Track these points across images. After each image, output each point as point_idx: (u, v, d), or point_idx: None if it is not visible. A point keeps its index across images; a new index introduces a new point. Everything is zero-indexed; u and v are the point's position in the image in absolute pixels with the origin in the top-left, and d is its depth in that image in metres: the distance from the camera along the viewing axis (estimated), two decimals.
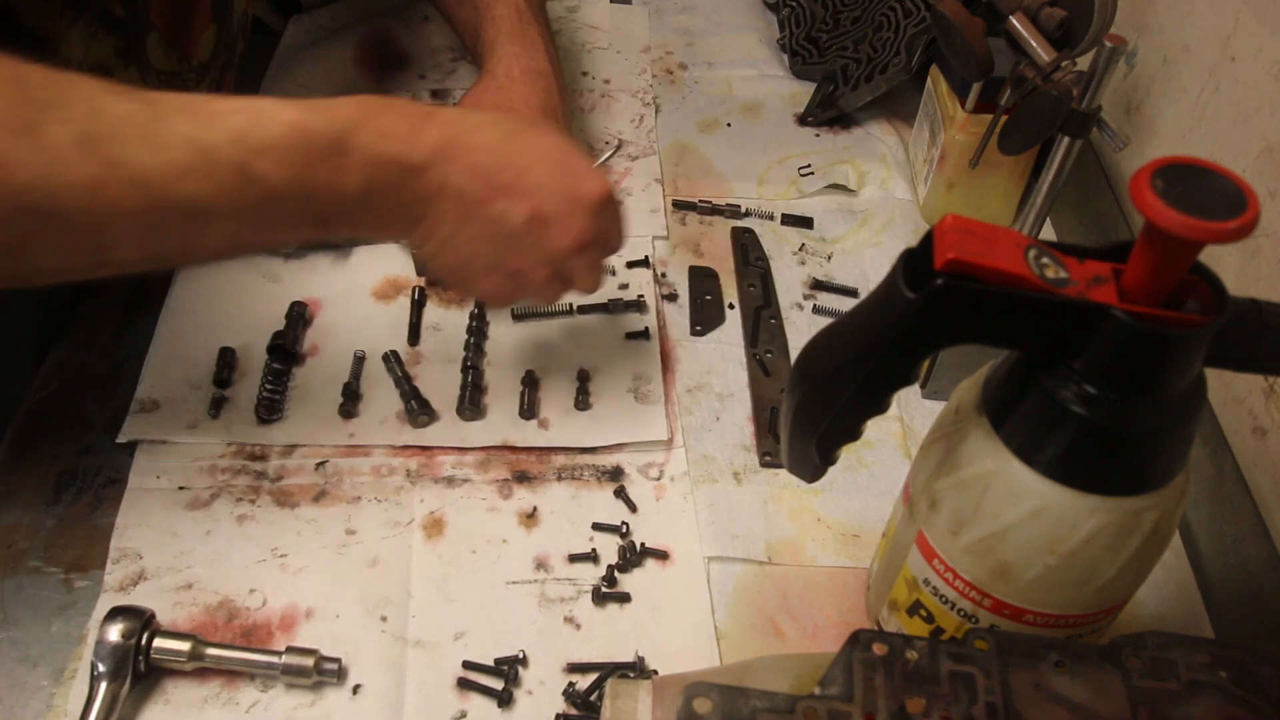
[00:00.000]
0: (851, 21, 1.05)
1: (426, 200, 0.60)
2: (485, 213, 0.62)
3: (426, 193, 0.60)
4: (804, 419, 0.51)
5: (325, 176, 0.56)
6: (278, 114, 0.55)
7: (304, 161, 0.55)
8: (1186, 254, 0.42)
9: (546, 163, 0.63)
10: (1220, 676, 0.45)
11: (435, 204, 0.61)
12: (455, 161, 0.60)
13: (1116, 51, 0.67)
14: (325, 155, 0.56)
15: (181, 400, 0.73)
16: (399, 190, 0.59)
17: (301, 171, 0.55)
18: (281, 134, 0.54)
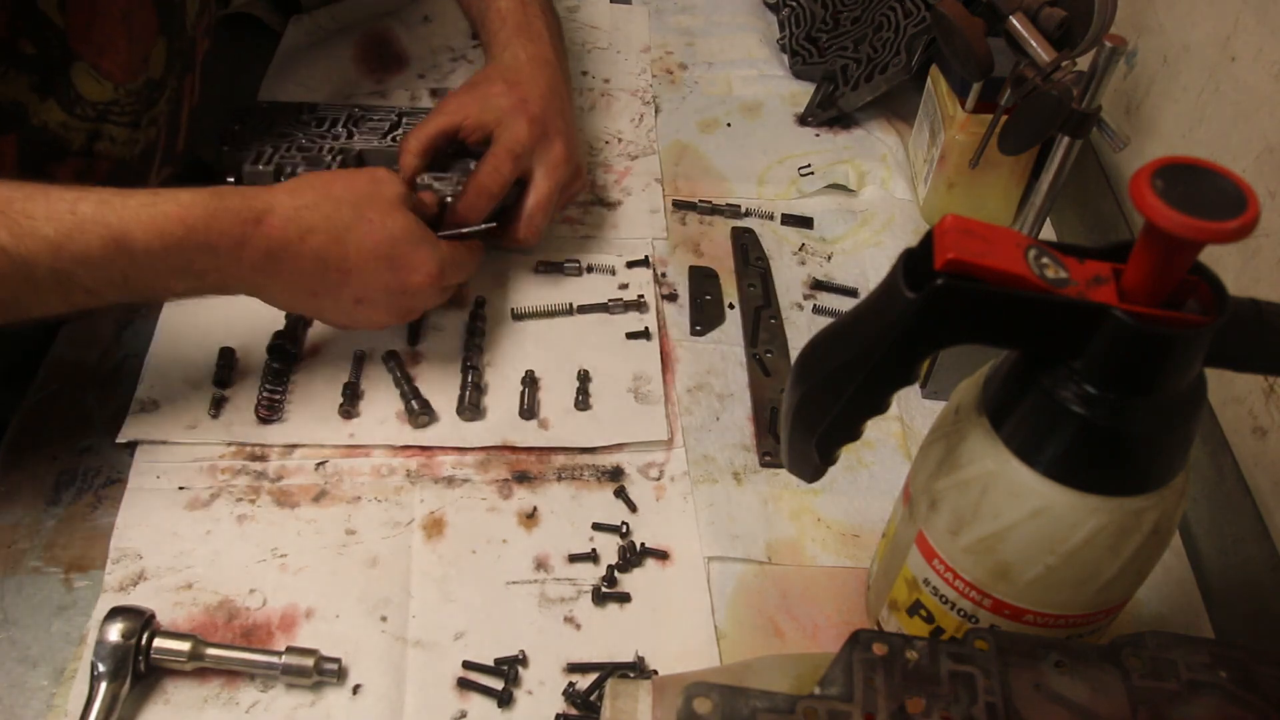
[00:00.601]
0: (851, 21, 1.05)
1: (251, 291, 0.67)
2: (313, 304, 0.70)
3: (254, 291, 0.67)
4: (804, 419, 0.51)
5: (147, 283, 0.62)
6: (97, 223, 0.58)
7: (123, 274, 0.60)
8: (1186, 254, 0.42)
9: (372, 262, 0.68)
10: (1220, 676, 0.45)
11: (264, 294, 0.68)
12: (278, 274, 0.66)
13: (1116, 51, 0.67)
14: (147, 269, 0.61)
15: (181, 400, 0.73)
16: (227, 290, 0.66)
17: (123, 280, 0.60)
18: (101, 247, 0.58)
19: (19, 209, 0.57)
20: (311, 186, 0.68)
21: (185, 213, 0.61)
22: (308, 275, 0.67)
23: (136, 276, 0.61)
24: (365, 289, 0.69)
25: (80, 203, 0.58)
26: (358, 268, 0.68)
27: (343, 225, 0.67)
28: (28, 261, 0.56)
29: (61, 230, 0.57)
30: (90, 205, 0.59)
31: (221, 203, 0.63)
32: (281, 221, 0.65)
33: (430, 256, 0.71)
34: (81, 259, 0.58)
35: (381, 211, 0.69)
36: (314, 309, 0.72)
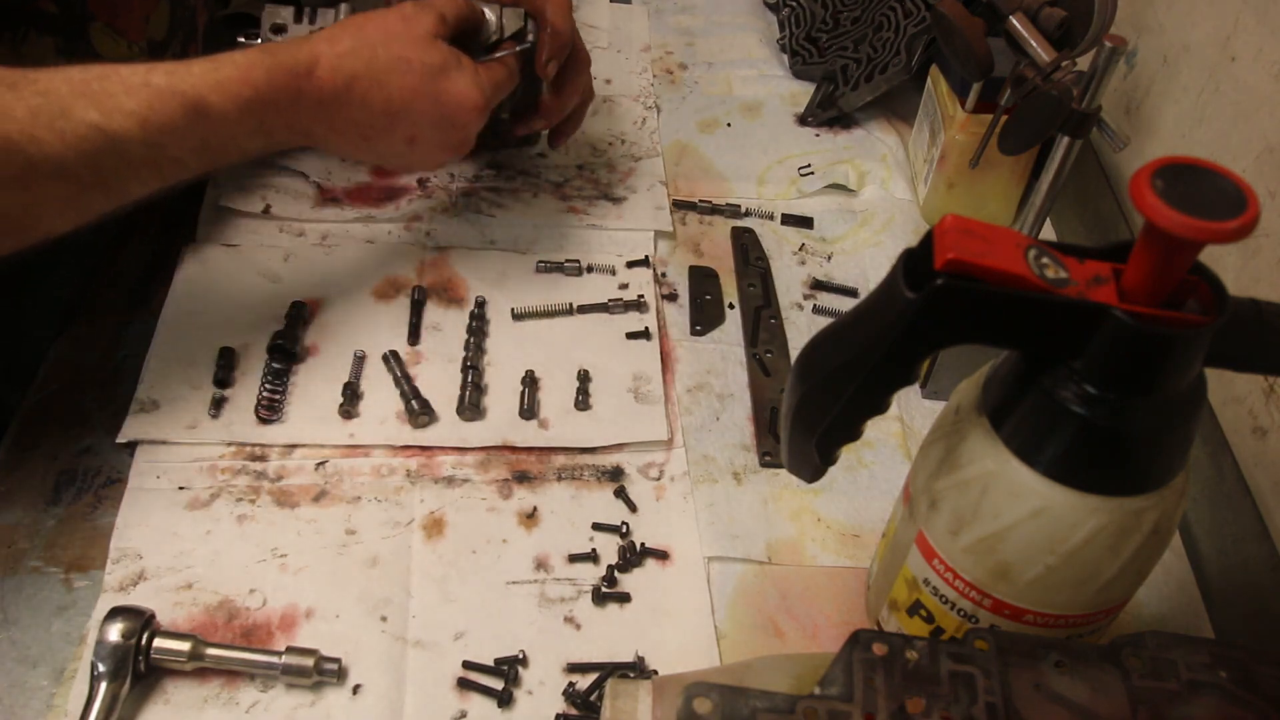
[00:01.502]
0: (851, 21, 1.05)
1: (314, 143, 0.70)
2: (370, 148, 0.72)
3: (316, 143, 0.70)
4: (804, 419, 0.51)
5: (224, 145, 0.64)
6: (174, 92, 0.60)
7: (203, 140, 0.62)
8: (1186, 254, 0.42)
9: (416, 100, 0.70)
10: (1220, 676, 0.45)
11: (326, 145, 0.71)
12: (333, 123, 0.68)
13: (1116, 51, 0.67)
14: (223, 132, 0.63)
15: (181, 400, 0.73)
16: (292, 143, 0.69)
17: (202, 142, 0.62)
18: (182, 115, 0.60)
19: (98, 88, 0.58)
20: (348, 33, 0.69)
21: (247, 73, 0.63)
22: (358, 121, 0.69)
23: (215, 140, 0.63)
24: (414, 127, 0.71)
25: (151, 75, 0.60)
26: (403, 108, 0.69)
27: (382, 69, 0.68)
28: (120, 137, 0.58)
29: (143, 103, 0.59)
30: (161, 77, 0.60)
31: (275, 59, 0.64)
32: (328, 72, 0.66)
33: (471, 83, 0.72)
34: (166, 128, 0.60)
35: (417, 48, 0.70)
36: (373, 154, 0.73)
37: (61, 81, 0.57)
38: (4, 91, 0.55)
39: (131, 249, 0.84)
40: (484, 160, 0.93)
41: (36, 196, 0.57)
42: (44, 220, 0.58)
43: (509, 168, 0.93)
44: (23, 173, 0.55)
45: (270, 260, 0.83)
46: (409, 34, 0.70)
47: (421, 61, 0.70)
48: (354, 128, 0.69)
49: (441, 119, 0.72)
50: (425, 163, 0.76)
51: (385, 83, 0.68)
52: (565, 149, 0.95)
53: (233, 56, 0.63)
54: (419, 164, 0.76)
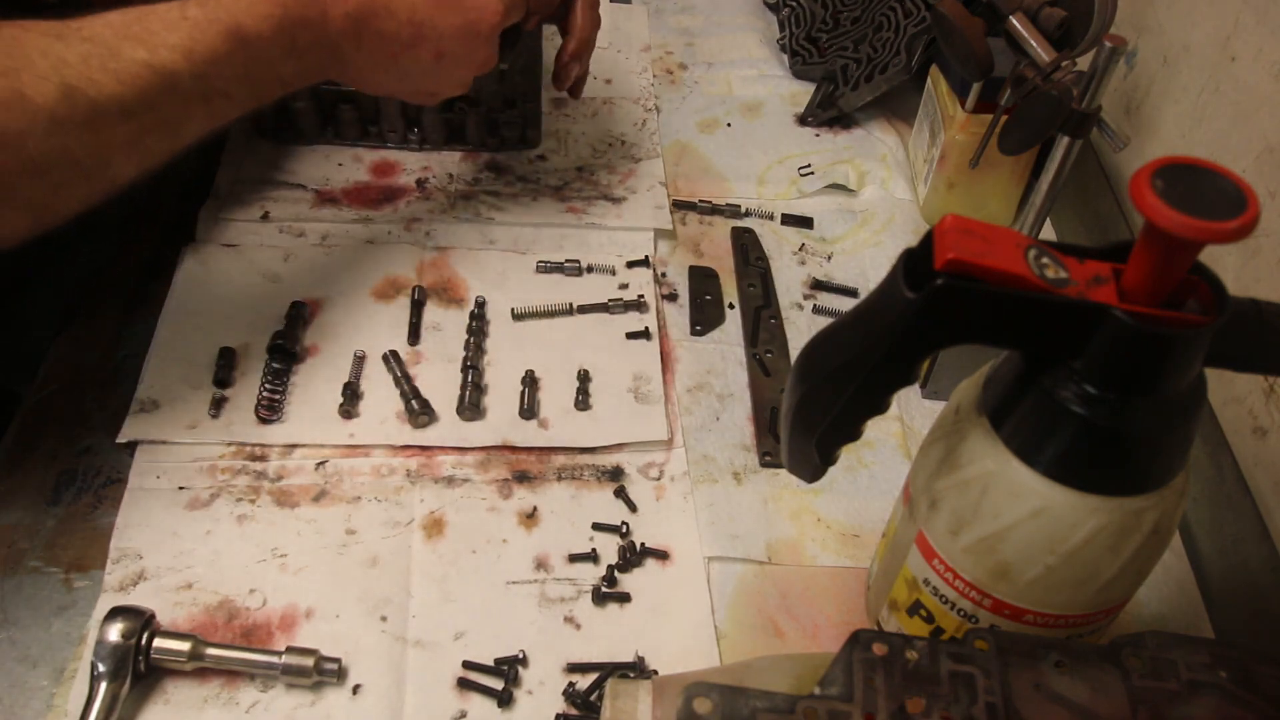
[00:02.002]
0: (851, 22, 1.05)
1: (343, 68, 0.71)
2: (398, 71, 0.73)
3: (347, 67, 0.71)
4: (804, 419, 0.51)
5: (263, 73, 0.65)
6: (211, 21, 0.61)
7: (245, 68, 0.63)
8: (1186, 254, 0.42)
9: (439, 12, 0.71)
10: (1220, 676, 0.45)
11: (354, 70, 0.71)
12: (362, 42, 0.69)
13: (1116, 52, 0.67)
14: (262, 56, 0.64)
15: (181, 400, 0.73)
16: (324, 69, 0.70)
17: (245, 69, 0.64)
18: (223, 42, 0.62)
19: (139, 28, 0.59)
20: None
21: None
22: (385, 35, 0.69)
23: (255, 67, 0.64)
24: (440, 40, 0.72)
25: (186, 9, 0.61)
26: (427, 18, 0.70)
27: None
28: (170, 71, 0.59)
29: (185, 36, 0.60)
30: (195, 9, 0.61)
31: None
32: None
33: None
34: (210, 58, 0.61)
35: None
36: (403, 76, 0.74)
37: (103, 26, 0.58)
38: (53, 41, 0.56)
39: (132, 249, 0.84)
40: (483, 163, 0.93)
41: (103, 139, 0.57)
42: (112, 164, 0.59)
43: (508, 172, 0.93)
44: (89, 115, 0.56)
45: (270, 260, 0.83)
46: None
47: None
48: (381, 43, 0.70)
49: (465, 28, 0.72)
50: (452, 82, 0.76)
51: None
52: (565, 151, 0.95)
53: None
54: (446, 83, 0.76)
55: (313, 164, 0.90)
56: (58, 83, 0.55)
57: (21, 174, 0.54)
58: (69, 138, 0.56)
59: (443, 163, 0.93)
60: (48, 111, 0.54)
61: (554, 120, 0.99)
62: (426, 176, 0.91)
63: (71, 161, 0.56)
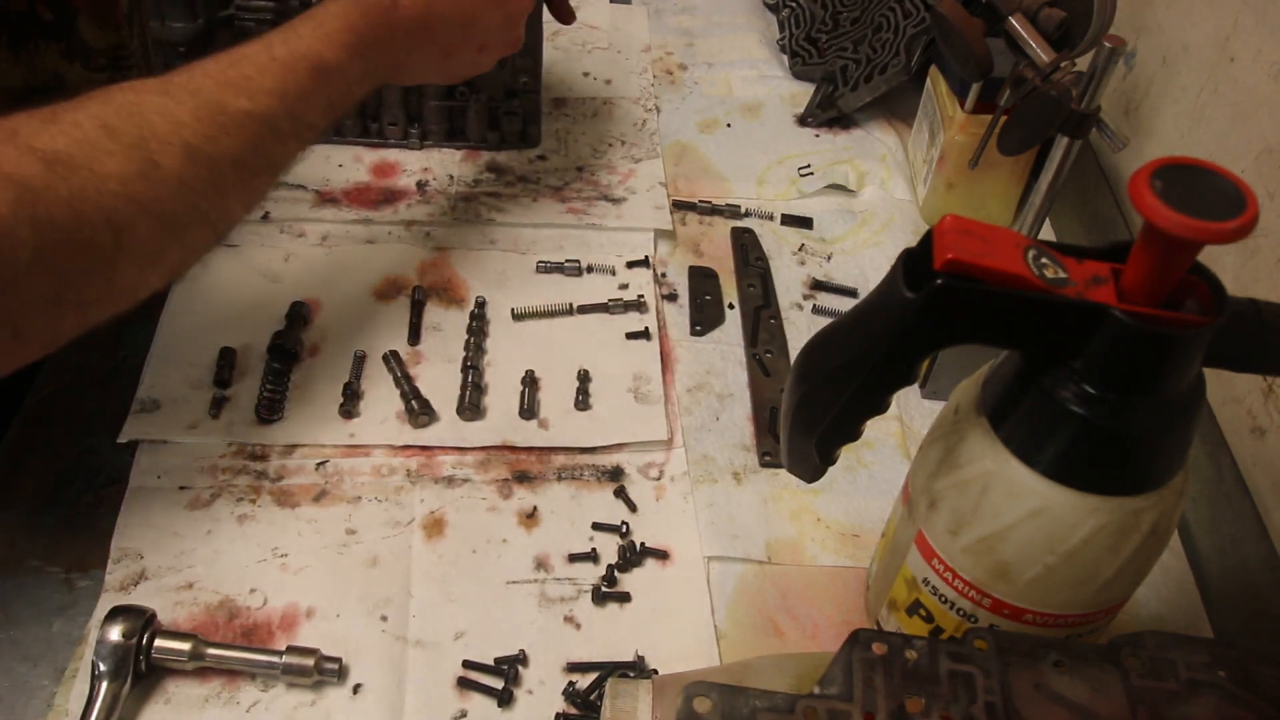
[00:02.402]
0: (851, 22, 1.05)
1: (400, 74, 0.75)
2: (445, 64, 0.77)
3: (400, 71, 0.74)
4: (804, 419, 0.51)
5: (343, 97, 0.68)
6: (298, 59, 0.64)
7: (327, 94, 0.66)
8: (1185, 254, 0.42)
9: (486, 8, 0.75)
10: (1219, 676, 0.45)
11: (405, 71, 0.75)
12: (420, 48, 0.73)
13: (1116, 52, 0.67)
14: (342, 84, 0.67)
15: (182, 400, 0.73)
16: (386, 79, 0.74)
17: (329, 100, 0.67)
18: (310, 79, 0.64)
19: (236, 75, 0.62)
20: None
21: (346, 21, 0.67)
22: (439, 40, 0.74)
23: (336, 94, 0.68)
24: (484, 34, 0.77)
25: (272, 49, 0.64)
26: (475, 18, 0.75)
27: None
28: (269, 116, 0.62)
29: (278, 79, 0.63)
30: (280, 48, 0.64)
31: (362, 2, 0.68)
32: (410, 2, 0.71)
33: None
34: (301, 96, 0.64)
35: None
36: (449, 70, 0.78)
37: (203, 78, 0.60)
38: (165, 101, 0.58)
39: None
40: (483, 164, 0.93)
41: (222, 189, 0.60)
42: (231, 211, 0.63)
43: (508, 172, 0.93)
44: (210, 171, 0.59)
45: (270, 260, 0.83)
46: None
47: None
48: (435, 47, 0.74)
49: (505, 19, 0.77)
50: (488, 66, 0.81)
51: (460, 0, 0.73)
52: (565, 151, 0.95)
53: (327, 8, 0.67)
54: (483, 68, 0.81)
55: (313, 164, 0.90)
56: (180, 145, 0.57)
57: (161, 238, 0.57)
58: (197, 196, 0.58)
59: (443, 163, 0.93)
60: (176, 174, 0.57)
61: (554, 120, 0.99)
62: (427, 179, 0.91)
63: (199, 216, 0.59)
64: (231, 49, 0.63)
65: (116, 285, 0.56)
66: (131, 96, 0.57)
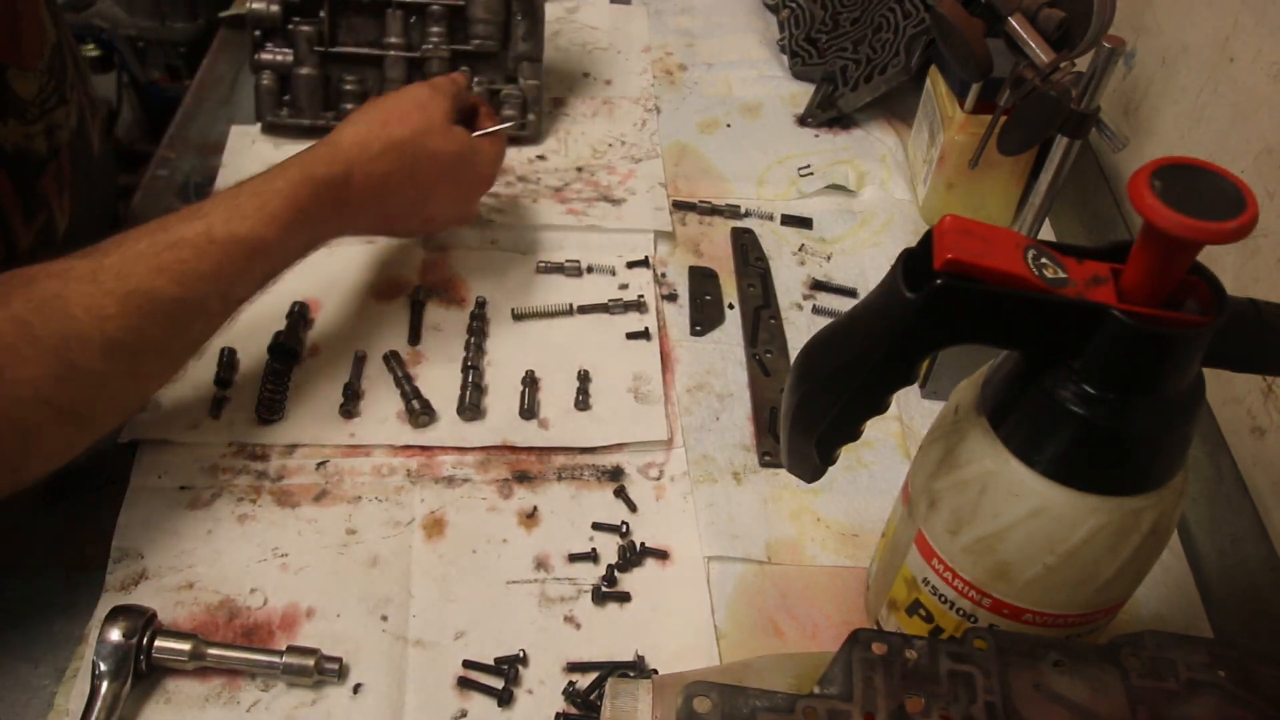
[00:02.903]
0: (851, 23, 1.05)
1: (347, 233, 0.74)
2: (389, 227, 0.79)
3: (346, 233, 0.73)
4: (804, 419, 0.51)
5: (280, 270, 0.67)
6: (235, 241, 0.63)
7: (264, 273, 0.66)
8: (1185, 254, 0.42)
9: (442, 185, 0.76)
10: (1219, 676, 0.45)
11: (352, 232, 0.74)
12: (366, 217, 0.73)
13: (1115, 52, 0.67)
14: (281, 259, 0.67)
15: (182, 400, 0.73)
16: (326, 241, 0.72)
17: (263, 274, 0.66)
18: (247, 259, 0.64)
19: (171, 259, 0.60)
20: (373, 132, 0.71)
21: (293, 201, 0.66)
22: (388, 212, 0.75)
23: (274, 268, 0.67)
24: (434, 207, 0.78)
25: (211, 228, 0.62)
26: (429, 194, 0.76)
27: (410, 163, 0.72)
28: (201, 300, 0.62)
29: (214, 263, 0.62)
30: (220, 227, 0.62)
31: (314, 177, 0.67)
32: (363, 178, 0.70)
33: (487, 164, 0.79)
34: (236, 278, 0.63)
35: (439, 139, 0.74)
36: (387, 230, 0.80)
37: (135, 260, 0.59)
38: (92, 290, 0.57)
39: None
40: None
41: (142, 378, 0.61)
42: (147, 394, 0.64)
43: (508, 173, 0.93)
44: (129, 365, 0.59)
45: None
46: (429, 123, 0.73)
47: (445, 151, 0.74)
48: (383, 218, 0.75)
49: (462, 196, 0.79)
50: (434, 231, 0.83)
51: (415, 176, 0.73)
52: (565, 151, 0.96)
53: (274, 185, 0.66)
54: (430, 233, 0.84)
55: None
56: (101, 342, 0.57)
57: (70, 434, 0.58)
58: (112, 388, 0.59)
59: None
60: (94, 373, 0.57)
61: (554, 120, 0.99)
62: None
63: (113, 406, 0.60)
64: (168, 221, 0.62)
65: (22, 479, 0.57)
66: (58, 287, 0.56)
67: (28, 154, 0.72)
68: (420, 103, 0.74)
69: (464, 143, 0.76)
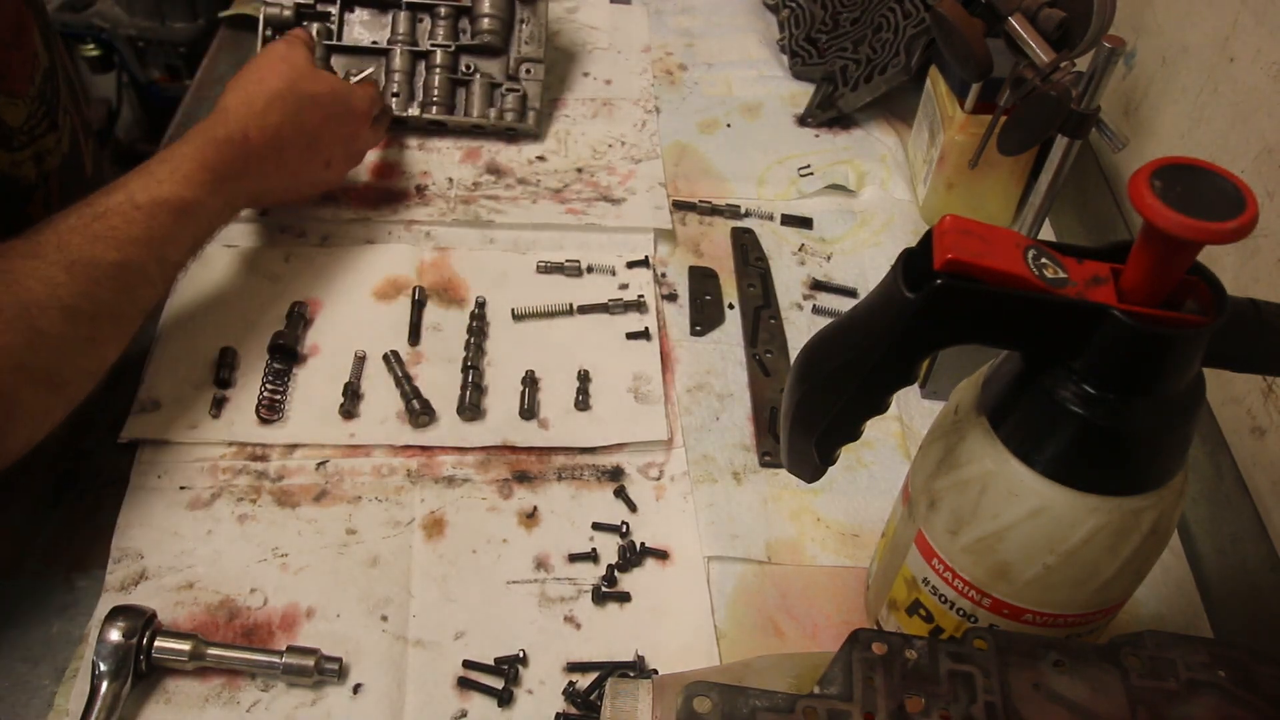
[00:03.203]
0: (851, 22, 1.05)
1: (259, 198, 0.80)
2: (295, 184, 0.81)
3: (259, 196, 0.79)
4: (804, 419, 0.51)
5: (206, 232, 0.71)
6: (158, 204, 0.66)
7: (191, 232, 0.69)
8: (1185, 254, 0.42)
9: (326, 124, 0.80)
10: (1219, 676, 0.45)
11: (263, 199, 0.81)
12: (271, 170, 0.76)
13: (1115, 52, 0.67)
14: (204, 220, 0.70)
15: (182, 400, 0.73)
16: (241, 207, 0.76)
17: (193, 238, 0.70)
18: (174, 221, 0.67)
19: (102, 228, 0.63)
20: (256, 90, 0.75)
21: (202, 161, 0.69)
22: (288, 162, 0.77)
23: (200, 231, 0.70)
24: (328, 150, 0.81)
25: (134, 195, 0.65)
26: (317, 137, 0.79)
27: (294, 112, 0.76)
28: (140, 264, 0.64)
29: (143, 226, 0.65)
30: (141, 194, 0.66)
31: (215, 139, 0.71)
32: (258, 132, 0.74)
33: (363, 97, 0.84)
34: (167, 239, 0.66)
35: (312, 82, 0.79)
36: (298, 187, 0.82)
37: (69, 233, 0.62)
38: (39, 264, 0.60)
39: None
40: (483, 166, 0.93)
41: (101, 343, 0.63)
42: (107, 359, 0.64)
43: (508, 174, 0.93)
44: (90, 329, 0.61)
45: (270, 260, 0.83)
46: (297, 70, 0.78)
47: (321, 91, 0.79)
48: (285, 170, 0.78)
49: (346, 136, 0.82)
50: (335, 180, 0.85)
51: (301, 121, 0.77)
52: (565, 152, 0.96)
53: (180, 150, 0.69)
54: (332, 182, 0.85)
55: None
56: (58, 308, 0.59)
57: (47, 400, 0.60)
58: (77, 353, 0.61)
59: (442, 166, 0.93)
60: (59, 337, 0.59)
61: (554, 121, 0.99)
62: (426, 183, 0.91)
63: (80, 372, 0.62)
64: (90, 198, 0.65)
65: (8, 449, 0.58)
66: (3, 265, 0.59)
67: (15, 181, 0.74)
68: (281, 55, 0.79)
69: (334, 81, 0.81)
